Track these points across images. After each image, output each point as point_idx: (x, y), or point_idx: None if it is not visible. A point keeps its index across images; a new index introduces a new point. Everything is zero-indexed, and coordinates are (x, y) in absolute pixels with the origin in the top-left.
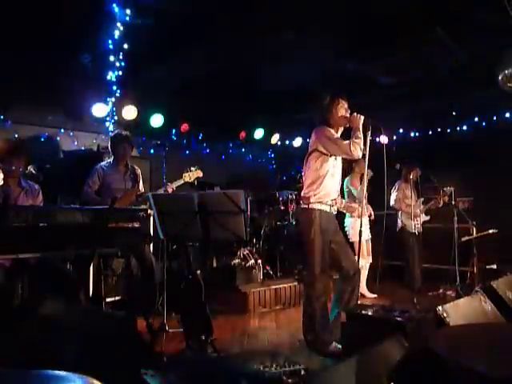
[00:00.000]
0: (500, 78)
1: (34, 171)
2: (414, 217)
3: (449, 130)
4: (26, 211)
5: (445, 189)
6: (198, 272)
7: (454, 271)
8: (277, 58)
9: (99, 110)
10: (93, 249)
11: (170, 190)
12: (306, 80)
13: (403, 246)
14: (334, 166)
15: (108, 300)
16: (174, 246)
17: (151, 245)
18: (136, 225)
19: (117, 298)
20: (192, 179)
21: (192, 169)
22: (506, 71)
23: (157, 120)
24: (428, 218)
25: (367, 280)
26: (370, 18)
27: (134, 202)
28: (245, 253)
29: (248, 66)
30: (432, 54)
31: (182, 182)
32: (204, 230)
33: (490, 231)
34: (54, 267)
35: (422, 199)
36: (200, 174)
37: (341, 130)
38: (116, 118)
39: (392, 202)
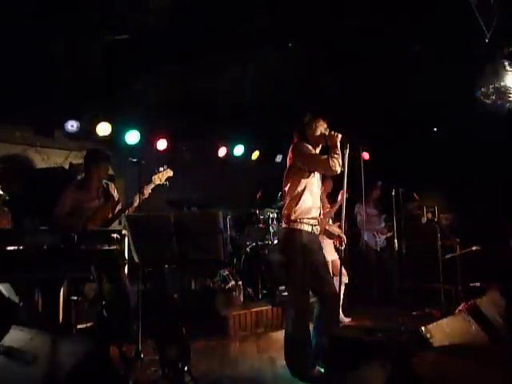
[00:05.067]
0: (478, 93)
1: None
2: (375, 233)
3: (431, 145)
4: None
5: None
6: (175, 295)
7: (439, 289)
8: (256, 72)
9: (71, 126)
10: (63, 273)
11: (146, 193)
12: (286, 95)
13: (362, 262)
14: (313, 182)
15: (79, 327)
16: (150, 269)
17: (126, 267)
18: (109, 247)
19: (88, 324)
20: (163, 180)
21: (161, 169)
22: (483, 88)
23: (132, 136)
24: (390, 234)
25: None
26: (347, 35)
27: (108, 219)
28: (224, 274)
29: (227, 79)
30: (407, 68)
31: (152, 185)
32: (181, 252)
33: (473, 248)
34: (21, 293)
35: (383, 216)
36: (170, 172)
37: (318, 149)
38: (89, 134)
39: (359, 224)
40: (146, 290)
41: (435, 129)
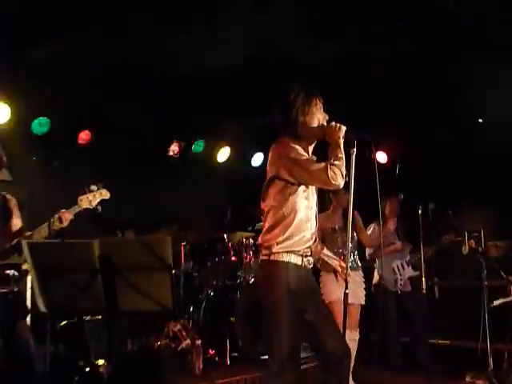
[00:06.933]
0: None
1: None
2: (395, 268)
3: (473, 144)
4: None
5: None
6: (101, 361)
7: (484, 349)
8: (225, 36)
9: None
10: None
11: (65, 220)
12: (268, 69)
13: (378, 309)
14: (307, 198)
15: None
16: (63, 322)
17: (28, 320)
18: (3, 289)
19: None
20: (94, 204)
21: (92, 187)
22: None
23: (42, 126)
24: (417, 273)
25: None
26: None
27: (5, 248)
28: (176, 329)
29: (181, 47)
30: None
31: (78, 208)
32: (109, 297)
33: None
34: None
35: (410, 247)
36: (106, 194)
37: (311, 147)
38: None
39: (368, 251)
40: (57, 352)
41: (480, 120)
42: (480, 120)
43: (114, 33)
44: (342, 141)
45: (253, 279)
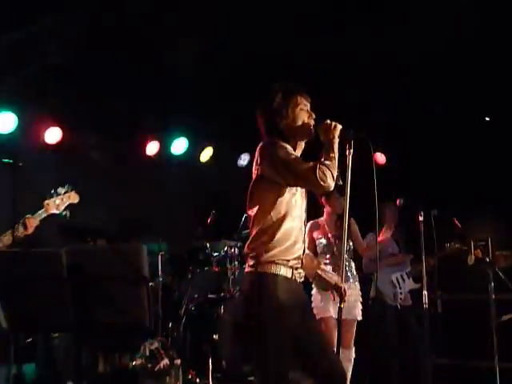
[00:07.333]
0: None
1: None
2: (394, 280)
3: (480, 146)
4: None
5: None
6: (70, 383)
7: (492, 369)
8: (205, 18)
9: None
10: None
11: (30, 226)
12: (259, 57)
13: (376, 325)
14: (296, 201)
15: None
16: (28, 339)
17: None
18: None
19: None
20: (61, 208)
21: (60, 190)
22: None
23: (4, 121)
24: (418, 285)
25: None
26: None
27: None
28: (152, 348)
29: (161, 30)
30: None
31: (44, 214)
32: (79, 312)
33: None
34: None
35: (411, 257)
36: (75, 198)
37: (301, 145)
38: None
39: (365, 263)
40: (21, 373)
41: (487, 118)
42: (487, 118)
43: (88, 23)
44: (336, 140)
45: (238, 292)
